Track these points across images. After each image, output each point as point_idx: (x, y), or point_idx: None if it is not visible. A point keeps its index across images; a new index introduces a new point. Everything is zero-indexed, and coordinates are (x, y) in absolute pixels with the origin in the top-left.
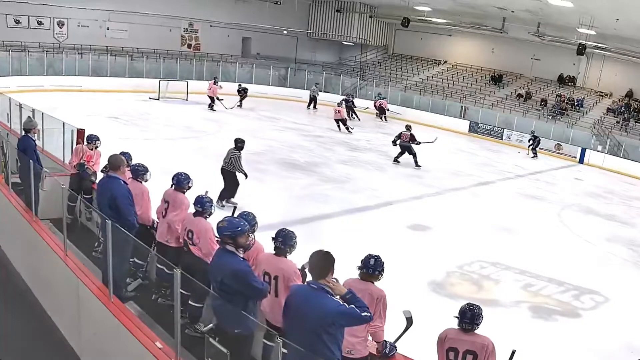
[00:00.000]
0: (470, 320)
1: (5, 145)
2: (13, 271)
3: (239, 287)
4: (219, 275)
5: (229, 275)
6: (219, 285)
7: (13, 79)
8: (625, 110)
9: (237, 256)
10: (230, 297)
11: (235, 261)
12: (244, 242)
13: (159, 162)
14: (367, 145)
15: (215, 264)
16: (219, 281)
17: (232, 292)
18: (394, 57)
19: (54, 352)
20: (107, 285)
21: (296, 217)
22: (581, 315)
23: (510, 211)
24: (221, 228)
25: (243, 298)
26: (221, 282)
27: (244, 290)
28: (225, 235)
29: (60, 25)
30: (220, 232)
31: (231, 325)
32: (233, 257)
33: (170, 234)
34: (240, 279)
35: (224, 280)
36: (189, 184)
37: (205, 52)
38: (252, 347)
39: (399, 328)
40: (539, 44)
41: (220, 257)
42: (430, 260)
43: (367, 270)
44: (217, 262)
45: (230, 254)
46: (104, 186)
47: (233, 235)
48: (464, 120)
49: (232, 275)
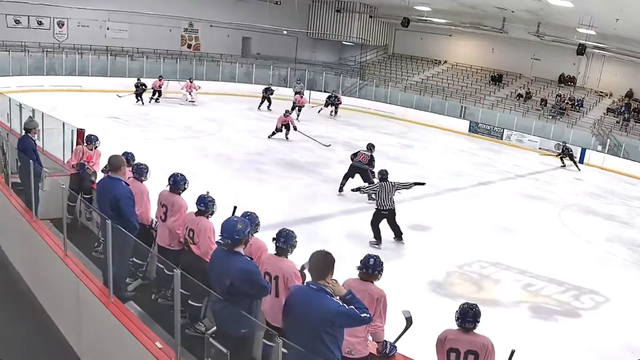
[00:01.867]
0: (472, 319)
1: (5, 145)
2: (13, 271)
3: (248, 288)
4: (227, 279)
5: (239, 277)
6: (228, 288)
7: (13, 79)
8: (625, 110)
9: (243, 256)
10: (237, 299)
11: (242, 261)
12: (246, 241)
13: (159, 162)
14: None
15: (221, 266)
16: (227, 285)
17: (239, 293)
18: (394, 57)
19: (54, 352)
20: (107, 285)
21: (296, 217)
22: (581, 315)
23: (510, 211)
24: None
25: (248, 299)
26: (230, 285)
27: (251, 291)
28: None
29: (60, 25)
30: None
31: (236, 327)
32: (240, 257)
33: (171, 238)
34: (250, 280)
35: (234, 283)
36: (185, 184)
37: (205, 52)
38: (252, 348)
39: (398, 328)
40: (539, 44)
41: (228, 259)
42: (430, 260)
43: (367, 270)
44: (223, 264)
45: (238, 255)
46: (105, 187)
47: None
48: (464, 120)
49: (242, 276)
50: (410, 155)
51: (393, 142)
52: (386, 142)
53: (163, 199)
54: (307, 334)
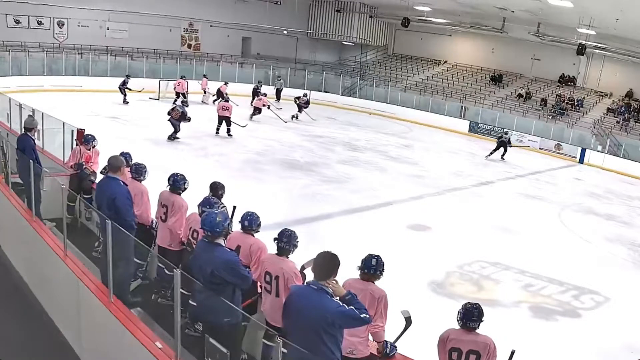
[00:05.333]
0: (477, 318)
1: (5, 145)
2: (13, 271)
3: (229, 277)
4: (208, 268)
5: (220, 267)
6: (209, 277)
7: (13, 79)
8: (625, 110)
9: (223, 247)
10: (218, 287)
11: (223, 252)
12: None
13: (159, 162)
14: (367, 145)
15: (202, 257)
16: (208, 273)
17: (220, 282)
18: (394, 57)
19: (54, 352)
20: (107, 286)
21: (296, 217)
22: (581, 315)
23: (511, 211)
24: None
25: (230, 288)
26: (211, 274)
27: (233, 280)
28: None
29: (60, 25)
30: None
31: (219, 317)
32: (222, 249)
33: (172, 239)
34: (230, 269)
35: (215, 272)
36: (185, 184)
37: (205, 52)
38: (242, 337)
39: (398, 328)
40: (539, 44)
41: (209, 250)
42: (430, 260)
43: (368, 270)
44: (203, 255)
45: (218, 246)
46: (104, 187)
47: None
48: (464, 120)
49: (223, 266)
50: (411, 155)
51: (393, 142)
52: (386, 142)
53: (163, 199)
54: (307, 333)
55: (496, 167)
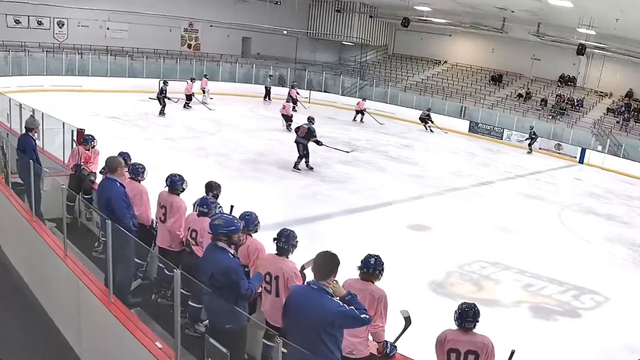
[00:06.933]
0: (472, 319)
1: (5, 145)
2: (13, 271)
3: (226, 283)
4: (209, 270)
5: (219, 272)
6: (209, 279)
7: (13, 79)
8: (625, 110)
9: (228, 253)
10: (220, 292)
11: (226, 258)
12: (237, 240)
13: (159, 162)
14: (367, 145)
15: (206, 259)
16: (209, 276)
17: (220, 286)
18: (394, 57)
19: (54, 352)
20: (108, 286)
21: (296, 217)
22: (581, 315)
23: (510, 211)
24: (217, 226)
25: (232, 295)
26: (211, 277)
27: (229, 286)
28: (221, 233)
29: (60, 25)
30: (216, 229)
31: (222, 321)
32: (224, 254)
33: (172, 240)
34: (229, 276)
35: (215, 275)
36: (183, 185)
37: (205, 52)
38: (246, 342)
39: (398, 328)
40: (539, 44)
41: (212, 253)
42: (430, 260)
43: (368, 270)
44: (208, 257)
45: (221, 250)
46: (102, 188)
47: (229, 233)
48: (464, 120)
49: (223, 271)
50: (411, 155)
51: (393, 142)
52: (386, 142)
53: (162, 200)
54: (307, 333)
55: (496, 167)
